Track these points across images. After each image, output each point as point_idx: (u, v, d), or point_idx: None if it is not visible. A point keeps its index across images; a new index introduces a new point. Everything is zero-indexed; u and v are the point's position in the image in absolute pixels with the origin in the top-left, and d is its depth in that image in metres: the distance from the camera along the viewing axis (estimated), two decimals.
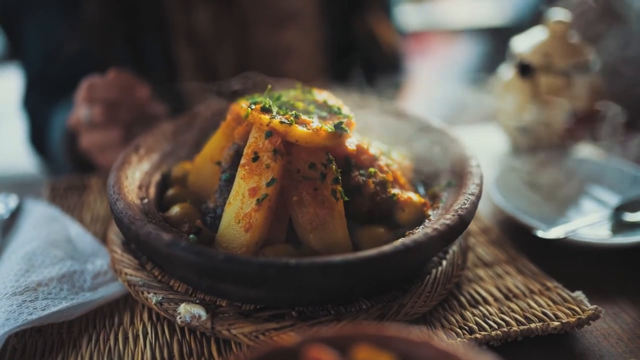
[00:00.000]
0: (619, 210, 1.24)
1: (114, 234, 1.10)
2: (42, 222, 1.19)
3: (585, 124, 1.49)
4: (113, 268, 1.03)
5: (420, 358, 0.61)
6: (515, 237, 1.21)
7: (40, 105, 1.76)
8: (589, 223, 1.18)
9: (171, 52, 1.78)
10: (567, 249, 1.16)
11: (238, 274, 0.80)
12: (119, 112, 1.38)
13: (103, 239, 1.18)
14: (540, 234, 1.12)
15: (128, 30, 1.74)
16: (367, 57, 1.88)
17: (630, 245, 1.12)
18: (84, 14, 1.66)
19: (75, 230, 1.18)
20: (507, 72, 1.59)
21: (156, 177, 1.14)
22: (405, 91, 2.24)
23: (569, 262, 1.14)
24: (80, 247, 1.13)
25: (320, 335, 0.62)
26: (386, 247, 0.83)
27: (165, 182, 1.15)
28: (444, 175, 1.12)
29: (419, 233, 0.86)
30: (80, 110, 1.38)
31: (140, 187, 1.06)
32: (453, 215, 0.90)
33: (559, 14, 1.52)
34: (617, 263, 1.15)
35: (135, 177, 1.08)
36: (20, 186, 1.51)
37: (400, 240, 0.86)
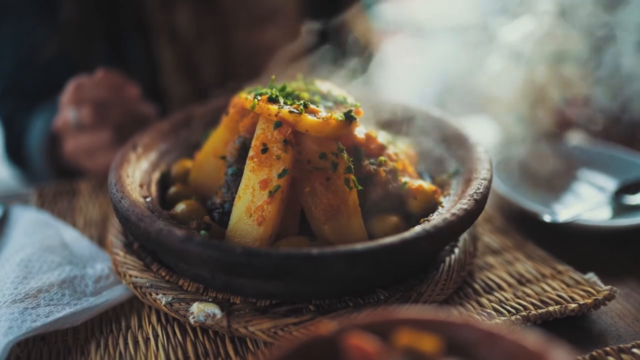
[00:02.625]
0: (619, 194, 1.25)
1: (114, 236, 1.06)
2: (34, 228, 1.14)
3: (575, 111, 1.51)
4: (116, 271, 0.99)
5: (463, 340, 0.59)
6: (518, 224, 1.21)
7: (16, 112, 1.69)
8: (591, 207, 1.19)
9: (152, 52, 1.74)
10: (571, 233, 1.16)
11: (257, 267, 0.77)
12: (108, 113, 1.34)
13: (100, 243, 1.14)
14: (547, 218, 1.12)
15: (108, 30, 1.70)
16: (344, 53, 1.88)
17: (634, 227, 1.12)
18: (61, 13, 1.60)
19: (69, 234, 1.14)
20: (497, 62, 1.59)
21: (156, 176, 1.10)
22: (382, 86, 2.24)
23: (574, 246, 1.14)
24: (78, 251, 1.09)
25: (359, 322, 0.60)
26: (407, 234, 0.81)
27: (164, 181, 1.11)
28: (449, 162, 1.11)
29: (437, 219, 0.85)
30: (68, 112, 1.33)
31: (141, 186, 1.02)
32: (469, 200, 0.89)
33: (547, 3, 1.53)
34: (622, 245, 1.15)
35: (136, 175, 1.04)
36: (5, 196, 1.45)
37: (420, 226, 0.84)
